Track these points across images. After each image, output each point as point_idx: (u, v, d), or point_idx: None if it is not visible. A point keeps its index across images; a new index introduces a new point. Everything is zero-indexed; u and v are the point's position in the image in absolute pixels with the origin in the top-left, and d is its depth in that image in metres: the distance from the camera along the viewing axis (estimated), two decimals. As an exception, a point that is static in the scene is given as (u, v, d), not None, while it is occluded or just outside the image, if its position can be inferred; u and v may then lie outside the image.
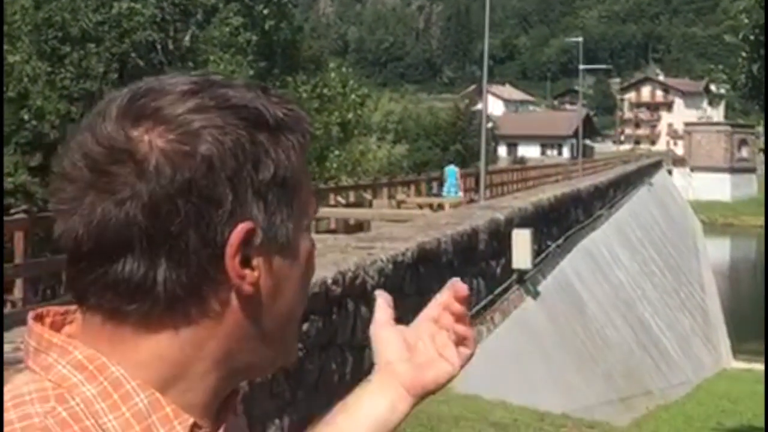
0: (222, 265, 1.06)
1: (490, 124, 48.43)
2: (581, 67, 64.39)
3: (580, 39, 67.84)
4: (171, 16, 31.46)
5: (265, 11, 34.25)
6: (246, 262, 1.08)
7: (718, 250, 78.08)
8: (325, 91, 37.55)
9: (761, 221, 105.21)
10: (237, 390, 1.19)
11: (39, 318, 1.13)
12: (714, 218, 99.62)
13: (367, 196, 28.65)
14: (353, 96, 40.84)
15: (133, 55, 31.26)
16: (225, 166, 1.05)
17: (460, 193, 31.74)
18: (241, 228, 1.06)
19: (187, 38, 32.09)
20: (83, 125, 1.09)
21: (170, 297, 1.06)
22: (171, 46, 31.63)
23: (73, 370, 1.08)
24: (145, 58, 31.46)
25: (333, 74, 38.16)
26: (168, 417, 1.08)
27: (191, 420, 1.09)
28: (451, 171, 32.78)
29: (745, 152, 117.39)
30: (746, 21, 14.04)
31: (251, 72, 32.93)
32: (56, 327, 1.13)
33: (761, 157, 35.59)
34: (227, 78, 1.13)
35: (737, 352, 40.33)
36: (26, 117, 26.22)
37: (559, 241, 26.59)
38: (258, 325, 1.12)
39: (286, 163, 1.10)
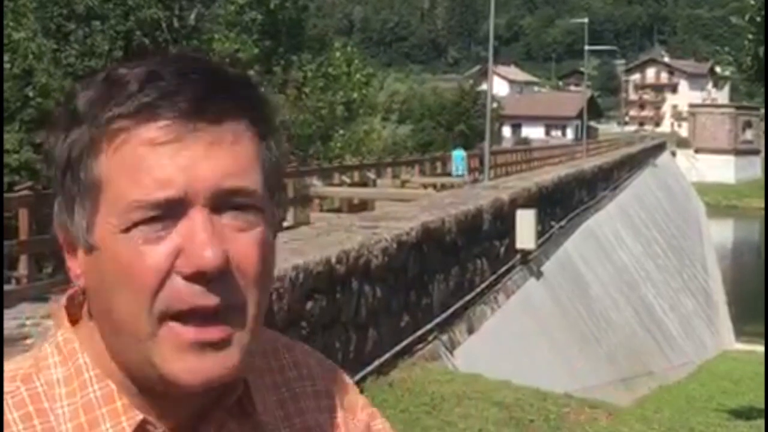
0: None
1: (494, 105, 48.36)
2: (586, 48, 64.16)
3: (586, 20, 67.56)
4: (177, -6, 31.40)
5: (271, -10, 34.19)
6: (73, 257, 1.10)
7: (721, 232, 78.04)
8: (330, 70, 37.50)
9: (764, 204, 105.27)
10: (234, 388, 1.13)
11: (70, 298, 1.16)
12: (718, 200, 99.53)
13: (372, 175, 28.65)
14: (358, 76, 40.77)
15: (138, 33, 31.21)
16: (48, 160, 1.09)
17: (466, 173, 31.89)
18: (54, 223, 1.10)
19: (192, 16, 32.02)
20: None
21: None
22: (176, 24, 31.57)
23: (54, 350, 1.11)
24: (150, 36, 31.41)
25: (338, 54, 38.09)
26: (116, 411, 1.07)
27: (140, 417, 1.07)
28: (458, 154, 32.94)
29: (749, 134, 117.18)
30: (752, 2, 14.00)
31: (256, 51, 32.92)
32: (80, 306, 1.16)
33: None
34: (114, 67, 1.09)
35: (739, 333, 40.40)
36: (31, 94, 26.20)
37: (563, 222, 26.60)
38: (96, 324, 1.10)
39: (72, 156, 1.06)
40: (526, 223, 19.59)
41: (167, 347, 1.03)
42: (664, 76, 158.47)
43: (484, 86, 71.75)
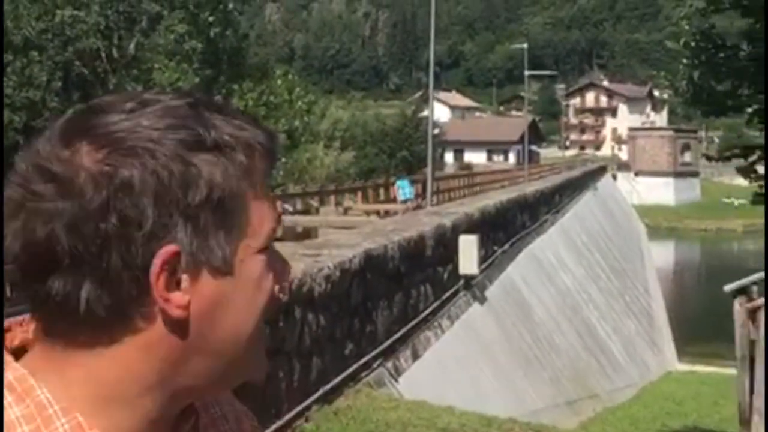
0: (146, 286, 1.05)
1: (436, 131, 48.59)
2: (527, 73, 64.74)
3: (525, 45, 68.18)
4: (115, 23, 31.21)
5: (211, 19, 34.04)
6: (175, 285, 1.07)
7: (662, 254, 78.88)
8: (272, 98, 37.48)
9: (704, 225, 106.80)
10: (189, 416, 1.17)
11: (6, 331, 1.16)
12: (658, 222, 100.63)
13: (314, 203, 28.64)
14: (300, 103, 40.75)
15: (77, 63, 31.00)
16: (147, 188, 1.04)
17: (412, 197, 32.16)
18: (165, 251, 1.05)
19: (131, 46, 31.86)
20: (29, 144, 1.09)
21: (94, 317, 1.05)
22: (115, 54, 31.40)
23: (6, 391, 1.09)
24: (89, 67, 31.21)
25: (279, 81, 38.09)
26: None
27: None
28: (403, 183, 33.18)
29: (688, 156, 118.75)
30: (687, 27, 14.22)
31: (197, 80, 32.75)
32: (11, 339, 1.15)
33: (704, 161, 35.98)
34: (176, 96, 1.11)
35: (682, 354, 40.78)
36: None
37: (506, 247, 26.75)
38: (196, 348, 1.10)
39: (223, 185, 1.08)
40: (468, 249, 19.68)
41: (253, 358, 1.16)
42: (604, 100, 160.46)
43: (425, 112, 72.06)
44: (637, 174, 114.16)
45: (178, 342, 1.09)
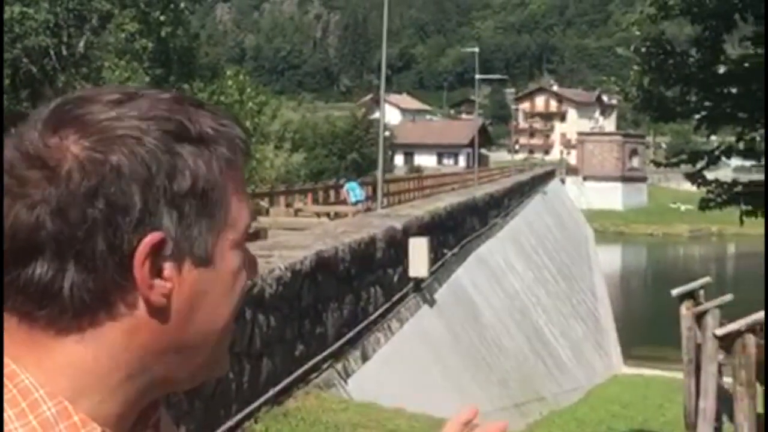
0: (130, 273, 1.06)
1: (387, 133, 48.64)
2: (477, 77, 65.07)
3: (477, 49, 68.54)
4: (65, 21, 30.88)
5: (162, 18, 33.80)
6: (157, 273, 1.08)
7: (609, 258, 79.57)
8: (222, 98, 37.32)
9: (651, 229, 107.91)
10: (156, 404, 1.19)
11: None
12: (606, 226, 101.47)
13: (264, 204, 28.57)
14: (250, 104, 40.61)
15: (25, 60, 30.65)
16: (135, 175, 1.05)
17: (363, 199, 32.22)
18: (150, 238, 1.06)
19: (81, 44, 31.54)
20: (14, 131, 1.10)
21: (78, 302, 1.06)
22: (65, 52, 31.07)
23: None
24: (37, 64, 30.88)
25: (230, 82, 37.96)
26: (75, 426, 1.08)
27: (99, 430, 1.09)
28: (352, 186, 33.21)
29: (636, 162, 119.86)
30: (638, 33, 14.38)
31: (147, 79, 32.51)
32: None
33: (652, 166, 36.36)
34: (161, 91, 1.14)
35: (627, 357, 41.14)
36: None
37: (455, 250, 26.85)
38: (175, 338, 1.12)
39: (207, 176, 1.10)
40: (418, 251, 19.73)
41: (222, 353, 1.18)
42: (553, 105, 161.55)
43: (376, 114, 72.18)
44: (585, 178, 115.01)
45: (158, 329, 1.10)
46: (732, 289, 15.02)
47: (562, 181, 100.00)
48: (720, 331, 10.78)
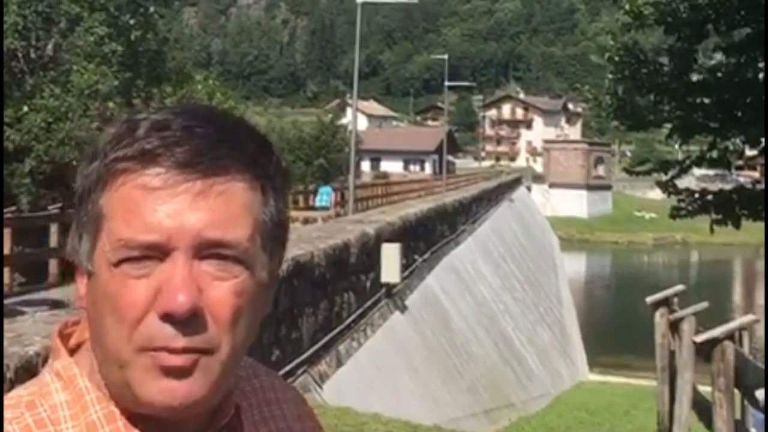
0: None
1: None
2: (446, 83, 65.16)
3: (446, 56, 68.69)
4: (33, 24, 30.63)
5: (131, 21, 33.64)
6: (82, 280, 1.18)
7: (574, 266, 79.92)
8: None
9: (616, 237, 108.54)
10: (226, 411, 1.21)
11: (64, 326, 1.25)
12: (571, 234, 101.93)
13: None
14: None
15: (-7, 62, 30.39)
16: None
17: (330, 206, 32.35)
18: (68, 247, 1.18)
19: (50, 47, 31.31)
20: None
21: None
22: (33, 55, 30.82)
23: (54, 377, 1.19)
24: (5, 67, 30.62)
25: (200, 86, 37.86)
26: (118, 430, 1.15)
27: None
28: (325, 190, 33.64)
29: (601, 170, 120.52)
30: (612, 43, 14.51)
31: (116, 83, 32.32)
32: (69, 336, 1.24)
33: (617, 174, 36.61)
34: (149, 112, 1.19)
35: (593, 365, 41.35)
36: None
37: (426, 256, 26.92)
38: (94, 344, 1.17)
39: (85, 188, 1.16)
40: (391, 257, 19.79)
41: (141, 372, 1.10)
42: (520, 112, 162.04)
43: (343, 120, 72.16)
44: (551, 186, 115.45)
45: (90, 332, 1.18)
46: (699, 297, 15.16)
47: (528, 189, 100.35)
48: (699, 338, 10.90)
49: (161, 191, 1.10)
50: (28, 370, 5.97)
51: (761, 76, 14.13)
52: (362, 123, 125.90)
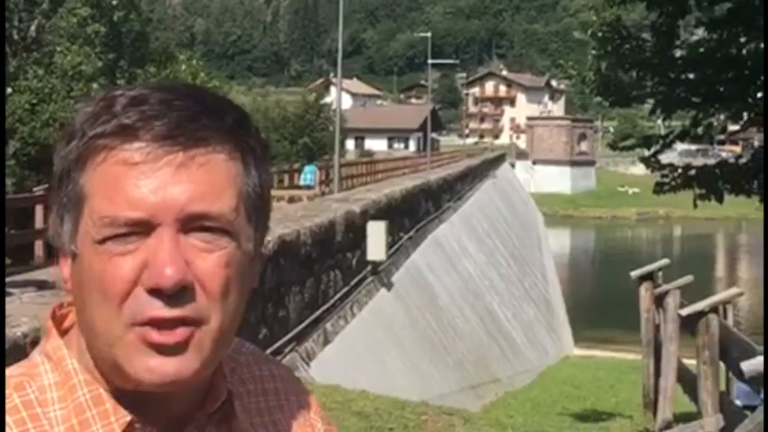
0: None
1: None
2: (430, 61, 65.15)
3: (429, 34, 68.68)
4: (16, 5, 30.49)
5: (114, 2, 33.52)
6: (65, 262, 1.18)
7: (558, 241, 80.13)
8: (176, 83, 37.09)
9: (599, 212, 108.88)
10: (216, 397, 1.22)
11: (59, 307, 1.26)
12: (555, 210, 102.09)
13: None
14: (203, 89, 40.19)
15: (-25, 44, 30.29)
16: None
17: (315, 184, 32.32)
18: (49, 230, 1.19)
19: (32, 28, 31.18)
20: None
21: None
22: (16, 36, 30.69)
23: (44, 358, 1.20)
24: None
25: (184, 67, 37.76)
26: (106, 412, 1.16)
27: (128, 417, 1.16)
28: (310, 168, 33.54)
29: (584, 146, 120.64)
30: (594, 18, 14.53)
31: (99, 64, 32.24)
32: (63, 317, 1.25)
33: (600, 150, 36.70)
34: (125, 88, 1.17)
35: (578, 339, 41.52)
36: None
37: (411, 233, 26.98)
38: (80, 324, 1.19)
39: (63, 169, 1.15)
40: (376, 235, 19.85)
41: (131, 349, 1.10)
42: (503, 90, 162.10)
43: (327, 99, 71.98)
44: (534, 162, 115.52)
45: (77, 312, 1.19)
46: (683, 271, 15.26)
47: (512, 165, 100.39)
48: (685, 312, 11.00)
49: (142, 166, 1.10)
50: (16, 352, 6.01)
51: (744, 51, 14.20)
52: (346, 102, 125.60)
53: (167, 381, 1.11)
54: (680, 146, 19.93)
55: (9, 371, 1.19)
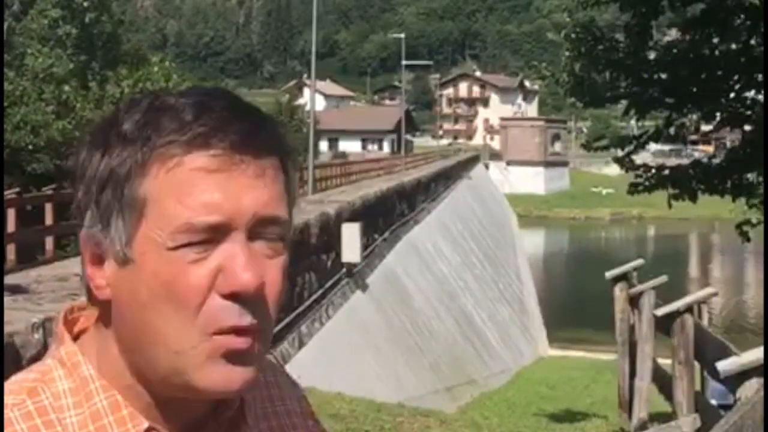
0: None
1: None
2: (404, 62, 65.17)
3: (403, 35, 68.68)
4: (-15, 7, 30.28)
5: (85, 3, 33.34)
6: (98, 268, 1.15)
7: (533, 242, 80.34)
8: (148, 85, 36.93)
9: (573, 213, 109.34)
10: (230, 403, 1.21)
11: (69, 311, 1.24)
12: (529, 210, 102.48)
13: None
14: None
15: (-55, 46, 30.06)
16: (78, 174, 1.16)
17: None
18: (82, 234, 1.16)
19: (3, 30, 30.99)
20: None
21: (90, 297, 1.19)
22: (-15, 38, 30.47)
23: (57, 364, 1.18)
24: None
25: (156, 69, 37.61)
26: (123, 419, 1.15)
27: (146, 424, 1.15)
28: None
29: (558, 146, 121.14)
30: (568, 19, 14.55)
31: (71, 66, 32.06)
32: (74, 322, 1.24)
33: (573, 150, 36.82)
34: (165, 93, 1.18)
35: (552, 340, 41.65)
36: None
37: (386, 235, 26.98)
38: (118, 334, 1.17)
39: (119, 174, 1.13)
40: (351, 237, 19.85)
41: (204, 358, 1.10)
42: (476, 90, 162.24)
43: (300, 101, 71.93)
44: (508, 163, 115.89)
45: (114, 326, 1.17)
46: (657, 271, 15.30)
47: (486, 166, 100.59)
48: (660, 312, 11.04)
49: (219, 173, 1.11)
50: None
51: (717, 52, 14.27)
52: (320, 103, 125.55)
53: (233, 389, 1.12)
54: (654, 147, 20.02)
55: (20, 376, 1.18)
